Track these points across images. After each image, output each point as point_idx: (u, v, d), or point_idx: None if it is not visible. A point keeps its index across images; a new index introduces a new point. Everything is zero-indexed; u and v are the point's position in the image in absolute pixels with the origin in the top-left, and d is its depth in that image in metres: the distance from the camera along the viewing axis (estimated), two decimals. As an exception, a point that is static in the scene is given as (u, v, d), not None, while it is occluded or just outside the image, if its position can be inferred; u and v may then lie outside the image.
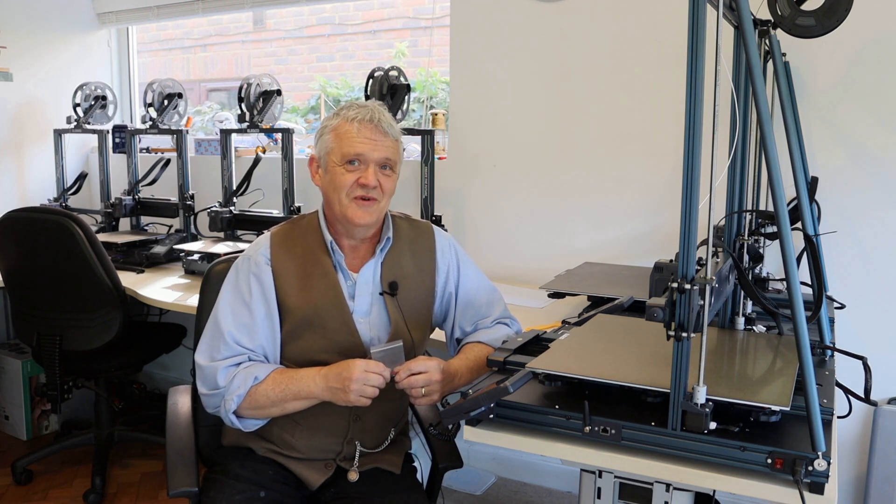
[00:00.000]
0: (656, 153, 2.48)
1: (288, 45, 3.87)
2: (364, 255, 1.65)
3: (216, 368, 1.54)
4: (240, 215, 3.02)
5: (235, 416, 1.55)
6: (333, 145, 1.56)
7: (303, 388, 1.51)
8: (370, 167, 1.55)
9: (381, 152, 1.56)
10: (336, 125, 1.57)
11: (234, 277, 1.62)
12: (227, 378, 1.54)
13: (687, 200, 1.09)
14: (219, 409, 1.56)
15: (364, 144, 1.54)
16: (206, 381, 1.56)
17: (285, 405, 1.53)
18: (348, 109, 1.58)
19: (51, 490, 2.82)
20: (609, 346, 1.49)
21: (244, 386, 1.52)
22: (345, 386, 1.45)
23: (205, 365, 1.57)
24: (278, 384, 1.53)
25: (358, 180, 1.54)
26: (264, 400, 1.52)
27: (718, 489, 1.16)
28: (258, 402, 1.53)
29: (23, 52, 3.58)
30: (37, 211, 2.72)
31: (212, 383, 1.55)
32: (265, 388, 1.53)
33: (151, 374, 3.72)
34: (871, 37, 2.13)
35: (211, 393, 1.56)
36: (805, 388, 1.08)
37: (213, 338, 1.58)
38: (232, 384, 1.53)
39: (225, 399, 1.53)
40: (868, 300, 2.20)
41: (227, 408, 1.53)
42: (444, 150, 3.01)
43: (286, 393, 1.52)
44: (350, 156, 1.54)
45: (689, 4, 1.07)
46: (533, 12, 2.64)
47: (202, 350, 1.59)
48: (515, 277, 2.72)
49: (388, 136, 1.57)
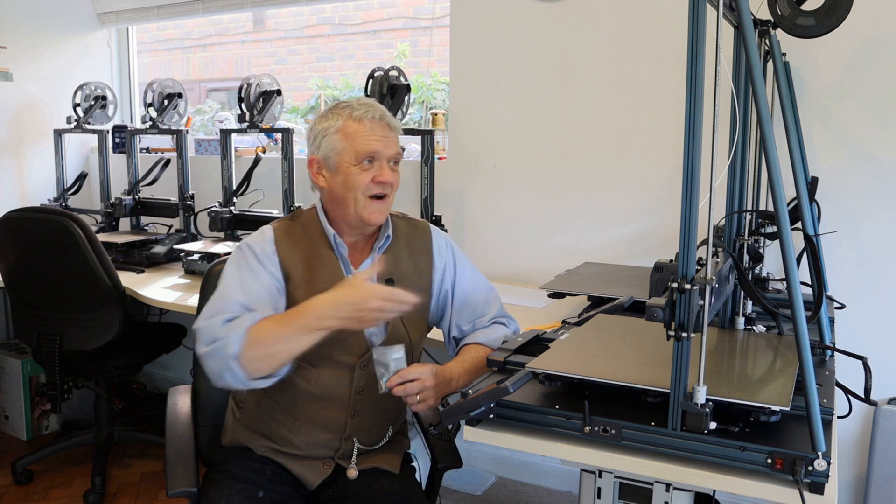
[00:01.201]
0: (656, 153, 2.48)
1: (288, 45, 3.87)
2: (362, 252, 1.65)
3: (215, 321, 1.45)
4: (240, 215, 3.02)
5: (238, 365, 1.39)
6: (344, 145, 1.55)
7: (310, 319, 1.41)
8: (384, 164, 1.55)
9: (393, 148, 1.57)
10: (342, 125, 1.55)
11: (241, 257, 1.57)
12: (226, 327, 1.43)
13: (687, 200, 1.09)
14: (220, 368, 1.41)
15: (378, 142, 1.54)
16: (204, 338, 1.45)
17: (291, 343, 1.41)
18: (350, 109, 1.57)
19: (51, 490, 2.82)
20: (609, 346, 1.49)
21: (242, 326, 1.42)
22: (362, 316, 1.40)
23: (202, 324, 1.47)
24: (280, 320, 1.45)
25: (374, 178, 1.54)
26: (268, 340, 1.41)
27: (718, 489, 1.16)
28: (261, 344, 1.40)
29: (23, 52, 3.58)
30: (37, 211, 2.72)
31: (210, 337, 1.43)
32: (266, 324, 1.43)
33: (151, 374, 3.72)
34: (871, 37, 2.13)
35: (210, 348, 1.42)
36: (805, 388, 1.08)
37: (216, 303, 1.50)
38: (230, 329, 1.42)
39: (226, 345, 1.40)
40: (868, 300, 2.20)
41: (229, 352, 1.39)
42: (444, 150, 3.01)
43: (291, 327, 1.42)
44: (366, 155, 1.54)
45: (689, 4, 1.07)
46: (533, 12, 2.64)
47: (202, 316, 1.49)
48: (515, 277, 2.72)
49: (395, 130, 1.59)
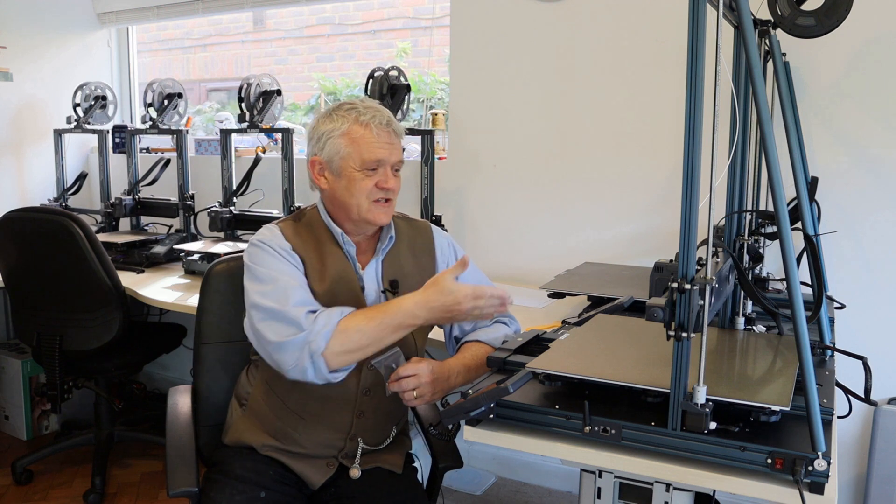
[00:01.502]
0: (656, 153, 2.48)
1: (288, 45, 3.87)
2: (366, 253, 1.65)
3: (299, 311, 1.42)
4: (240, 215, 3.02)
5: (323, 361, 1.40)
6: (350, 150, 1.53)
7: (403, 318, 1.44)
8: (388, 170, 1.56)
9: (396, 155, 1.58)
10: (348, 129, 1.54)
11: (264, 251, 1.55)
12: (310, 320, 1.41)
13: (687, 200, 1.09)
14: (300, 362, 1.40)
15: (384, 150, 1.54)
16: (282, 326, 1.41)
17: (380, 341, 1.44)
18: (357, 112, 1.55)
19: (51, 490, 2.82)
20: (609, 346, 1.49)
21: (331, 322, 1.41)
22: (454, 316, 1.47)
23: (282, 309, 1.42)
24: (371, 318, 1.44)
25: (377, 184, 1.54)
26: (356, 337, 1.41)
27: (718, 489, 1.16)
28: (349, 341, 1.41)
29: (23, 52, 3.58)
30: (37, 211, 2.72)
31: (290, 326, 1.40)
32: (356, 322, 1.43)
33: (151, 374, 3.72)
34: (871, 37, 2.13)
35: (288, 339, 1.40)
36: (805, 388, 1.08)
37: (276, 290, 1.46)
38: (316, 324, 1.41)
39: (310, 342, 1.39)
40: (868, 300, 2.20)
41: (314, 349, 1.39)
42: (444, 150, 3.01)
43: (383, 325, 1.43)
44: (372, 162, 1.54)
45: (689, 4, 1.07)
46: (533, 12, 2.64)
47: (269, 296, 1.45)
48: (515, 277, 2.72)
49: (399, 137, 1.59)
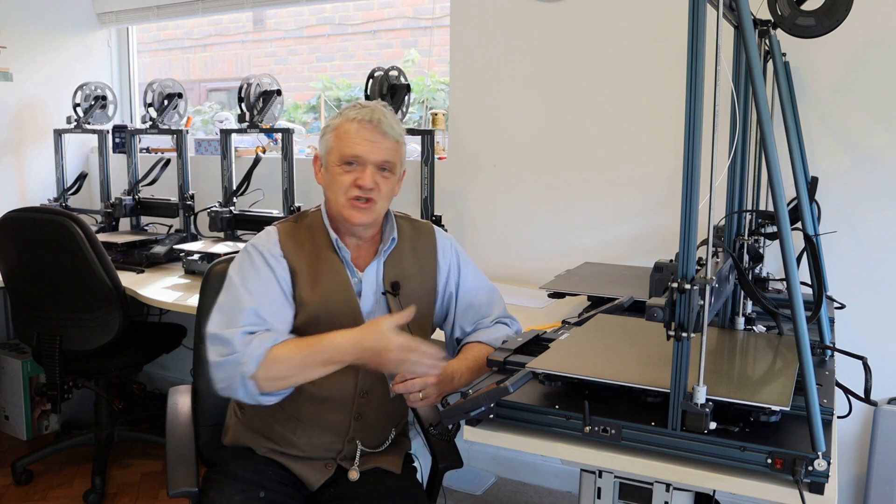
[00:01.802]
0: (656, 153, 2.48)
1: (288, 45, 3.86)
2: (367, 255, 1.65)
3: (234, 332, 1.44)
4: (240, 215, 3.02)
5: (253, 383, 1.42)
6: (333, 145, 1.56)
7: (332, 354, 1.42)
8: (367, 169, 1.53)
9: (380, 154, 1.54)
10: (338, 125, 1.56)
11: (248, 260, 1.56)
12: (244, 342, 1.43)
13: (687, 200, 1.09)
14: (231, 382, 1.43)
15: (362, 146, 1.53)
16: (219, 348, 1.45)
17: (308, 372, 1.44)
18: (351, 109, 1.57)
19: (51, 490, 2.82)
20: (609, 346, 1.49)
21: (262, 346, 1.42)
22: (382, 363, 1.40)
23: (219, 332, 1.46)
24: (301, 349, 1.44)
25: (355, 181, 1.53)
26: (285, 366, 1.42)
27: (718, 489, 1.16)
28: (278, 368, 1.42)
29: (23, 52, 3.58)
30: (37, 211, 2.72)
31: (226, 348, 1.43)
32: (287, 350, 1.44)
33: (151, 374, 3.72)
34: (870, 37, 2.13)
35: (223, 359, 1.43)
36: (805, 388, 1.09)
37: (231, 309, 1.49)
38: (249, 346, 1.42)
39: (241, 363, 1.41)
40: (868, 300, 2.20)
41: (244, 372, 1.40)
42: (444, 150, 3.01)
43: (311, 358, 1.43)
44: (348, 157, 1.53)
45: (689, 4, 1.07)
46: (533, 12, 2.64)
47: (216, 321, 1.48)
48: (515, 277, 2.72)
49: (387, 137, 1.55)
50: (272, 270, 1.54)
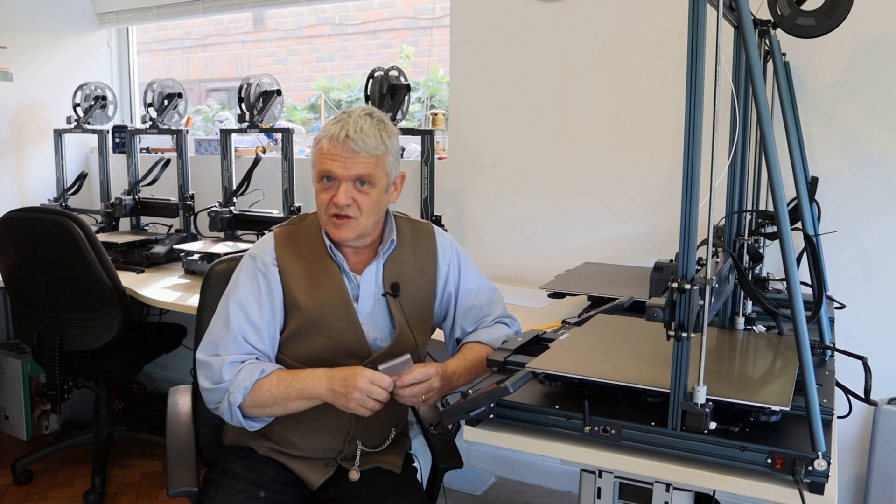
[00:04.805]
0: (656, 153, 2.48)
1: (288, 45, 3.87)
2: (366, 257, 1.64)
3: (223, 362, 1.52)
4: (240, 215, 3.02)
5: (240, 411, 1.52)
6: (314, 160, 1.56)
7: (307, 387, 1.50)
8: (342, 185, 1.51)
9: (353, 170, 1.50)
10: (318, 139, 1.55)
11: (242, 276, 1.60)
12: (233, 372, 1.52)
13: (687, 200, 1.09)
14: (220, 406, 1.53)
15: (333, 162, 1.51)
16: (210, 375, 1.54)
17: (288, 404, 1.52)
18: (330, 122, 1.55)
19: (51, 490, 2.82)
20: (609, 346, 1.49)
21: (250, 378, 1.51)
22: (348, 392, 1.45)
23: (209, 360, 1.54)
24: (282, 381, 1.52)
25: (332, 199, 1.52)
26: (267, 396, 1.51)
27: (718, 489, 1.16)
28: (261, 399, 1.51)
29: (23, 52, 3.58)
30: (37, 211, 2.72)
31: (216, 377, 1.52)
32: (269, 383, 1.51)
33: (151, 374, 3.72)
34: (871, 37, 2.13)
35: (214, 387, 1.53)
36: (805, 388, 1.08)
37: (220, 334, 1.56)
38: (237, 377, 1.51)
39: (230, 392, 1.51)
40: (868, 300, 2.20)
41: (232, 401, 1.50)
42: (444, 150, 3.01)
43: (290, 391, 1.50)
44: (323, 173, 1.53)
45: (689, 4, 1.07)
46: (533, 12, 2.64)
47: (206, 347, 1.57)
48: (515, 277, 2.72)
49: (359, 153, 1.50)
50: (264, 280, 1.58)
